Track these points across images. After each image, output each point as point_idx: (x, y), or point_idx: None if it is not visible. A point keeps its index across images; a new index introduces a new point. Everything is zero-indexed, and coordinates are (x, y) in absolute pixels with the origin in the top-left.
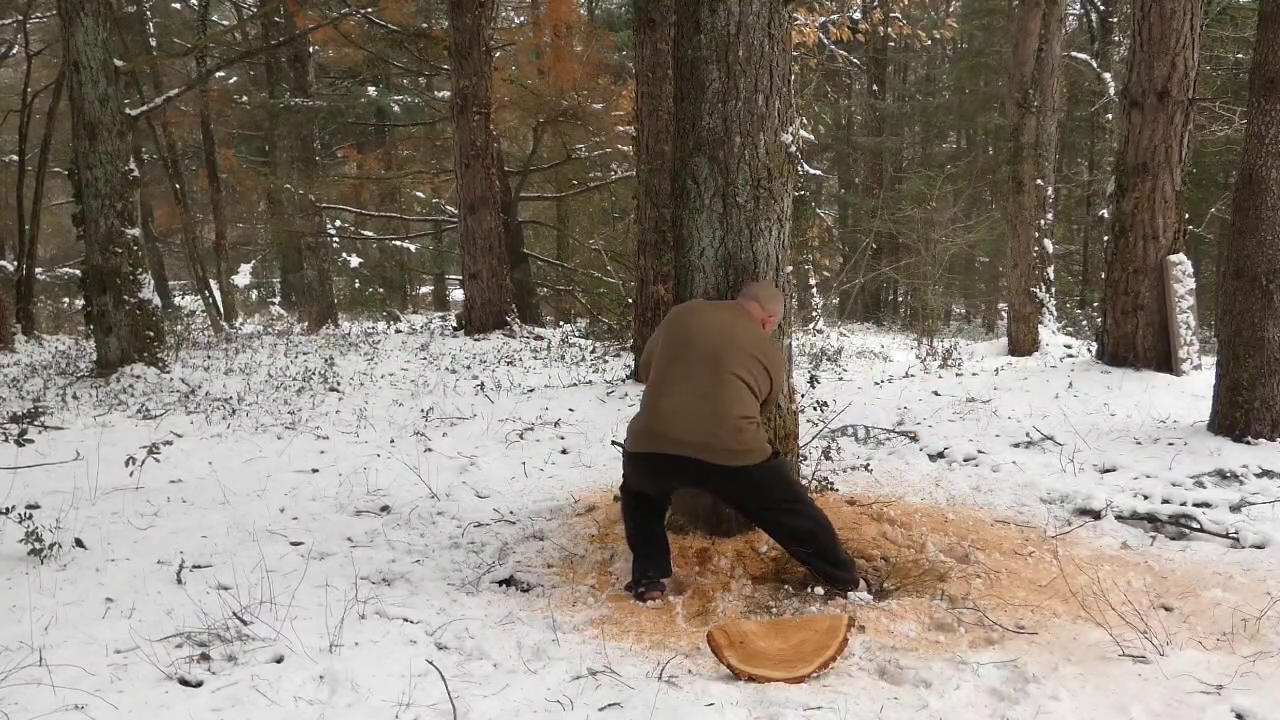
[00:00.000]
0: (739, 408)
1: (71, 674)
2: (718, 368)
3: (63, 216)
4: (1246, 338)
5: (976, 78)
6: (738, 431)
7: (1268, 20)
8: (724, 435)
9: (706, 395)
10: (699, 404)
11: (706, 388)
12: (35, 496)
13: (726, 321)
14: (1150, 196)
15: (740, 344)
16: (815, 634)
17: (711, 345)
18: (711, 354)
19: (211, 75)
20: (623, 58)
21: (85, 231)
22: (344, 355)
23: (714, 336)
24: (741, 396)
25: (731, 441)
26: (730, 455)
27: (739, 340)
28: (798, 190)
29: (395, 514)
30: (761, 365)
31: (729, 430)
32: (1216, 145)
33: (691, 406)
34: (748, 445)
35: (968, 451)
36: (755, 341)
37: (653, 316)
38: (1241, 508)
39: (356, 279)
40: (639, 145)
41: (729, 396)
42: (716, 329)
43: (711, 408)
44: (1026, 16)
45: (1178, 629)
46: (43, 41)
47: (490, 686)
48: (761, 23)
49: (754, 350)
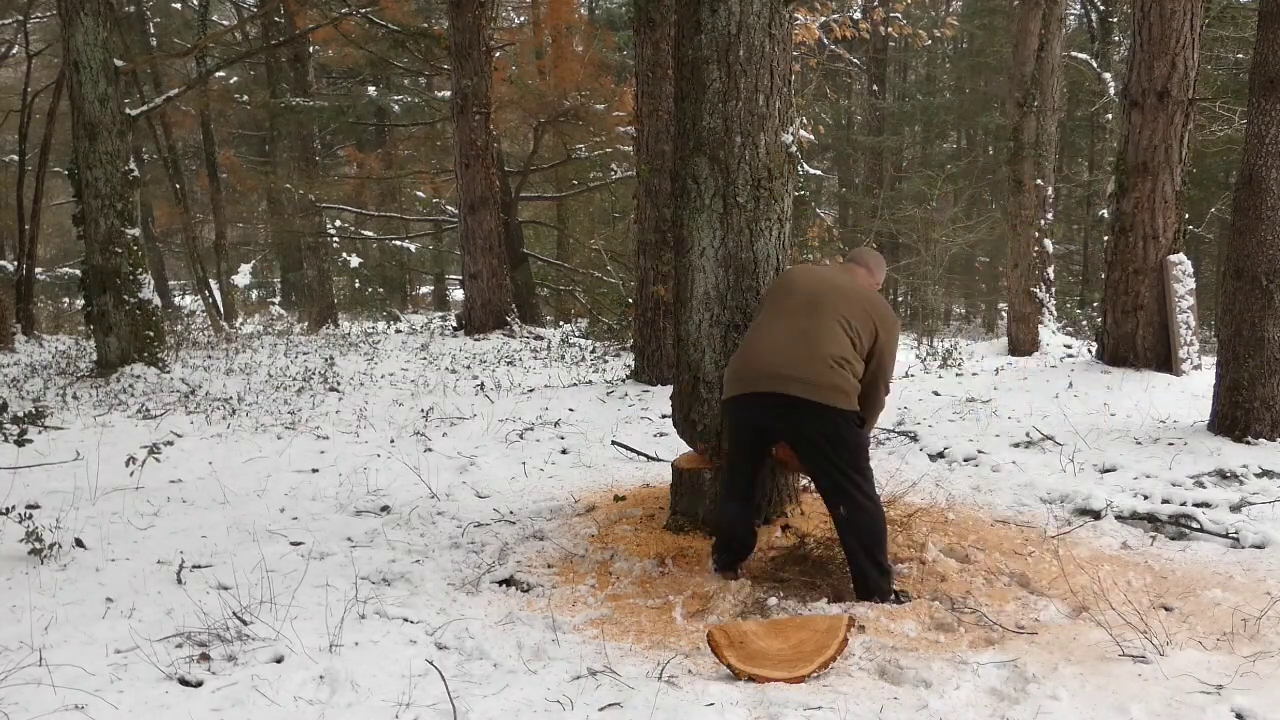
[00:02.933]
0: (834, 347)
1: (71, 674)
2: (815, 309)
3: (63, 216)
4: (1246, 338)
5: (976, 78)
6: (830, 369)
7: (1268, 20)
8: (817, 370)
9: (802, 332)
10: (794, 341)
11: (802, 326)
12: (35, 496)
13: (832, 275)
14: (1150, 196)
15: (845, 293)
16: (815, 634)
17: (812, 290)
18: (810, 298)
19: (211, 75)
20: (623, 58)
21: (85, 231)
22: (344, 355)
23: (816, 284)
24: (837, 338)
25: (822, 377)
26: (819, 391)
27: (843, 290)
28: (798, 190)
29: (395, 514)
30: (870, 318)
31: (821, 366)
32: (1216, 145)
33: (786, 343)
34: (838, 384)
35: (968, 451)
36: (865, 296)
37: (653, 316)
38: (1241, 508)
39: (356, 279)
40: (639, 145)
41: (825, 335)
42: (819, 278)
43: (806, 344)
44: (1026, 16)
45: (1178, 629)
46: (43, 41)
47: (490, 686)
48: (762, 23)
49: (863, 303)
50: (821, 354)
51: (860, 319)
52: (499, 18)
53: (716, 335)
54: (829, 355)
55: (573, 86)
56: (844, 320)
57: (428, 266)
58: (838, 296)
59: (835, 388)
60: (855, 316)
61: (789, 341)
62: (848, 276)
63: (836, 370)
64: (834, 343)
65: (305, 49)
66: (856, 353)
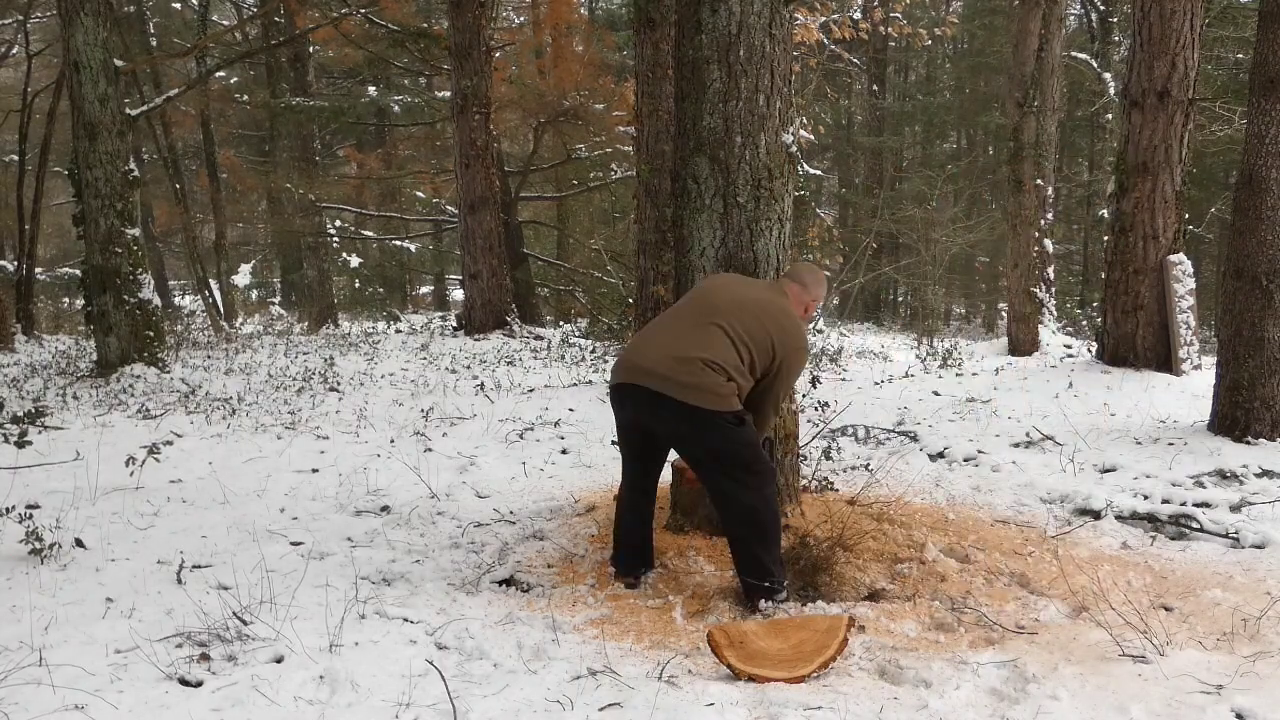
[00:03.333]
0: (707, 351)
1: (71, 674)
2: (705, 316)
3: (63, 216)
4: (1246, 338)
5: (976, 78)
6: (698, 370)
7: (1268, 20)
8: (682, 370)
9: (678, 335)
10: (669, 341)
11: (682, 329)
12: (35, 496)
13: (749, 289)
14: (1150, 196)
15: (749, 308)
16: (815, 634)
17: (712, 301)
18: (707, 306)
19: (211, 75)
20: (623, 58)
21: (85, 231)
22: (344, 355)
23: (721, 296)
24: (714, 342)
25: (688, 377)
26: (683, 390)
27: (749, 305)
28: (798, 190)
29: (395, 514)
30: (769, 337)
31: (688, 367)
32: (1216, 145)
33: (661, 343)
34: (705, 385)
35: (968, 451)
36: (778, 317)
37: (653, 316)
38: (1241, 508)
39: (356, 279)
40: (639, 145)
41: (700, 339)
42: (730, 291)
43: (678, 345)
44: (1026, 16)
45: (1178, 629)
46: (43, 41)
47: (490, 686)
48: (763, 23)
49: (768, 321)
50: (693, 354)
51: (758, 336)
52: (499, 18)
53: None
54: (699, 357)
55: (572, 86)
56: (730, 330)
57: (428, 266)
58: (736, 310)
59: (702, 388)
60: (753, 335)
61: (667, 340)
62: (771, 293)
63: (706, 372)
64: (708, 347)
65: (305, 49)
66: (742, 365)
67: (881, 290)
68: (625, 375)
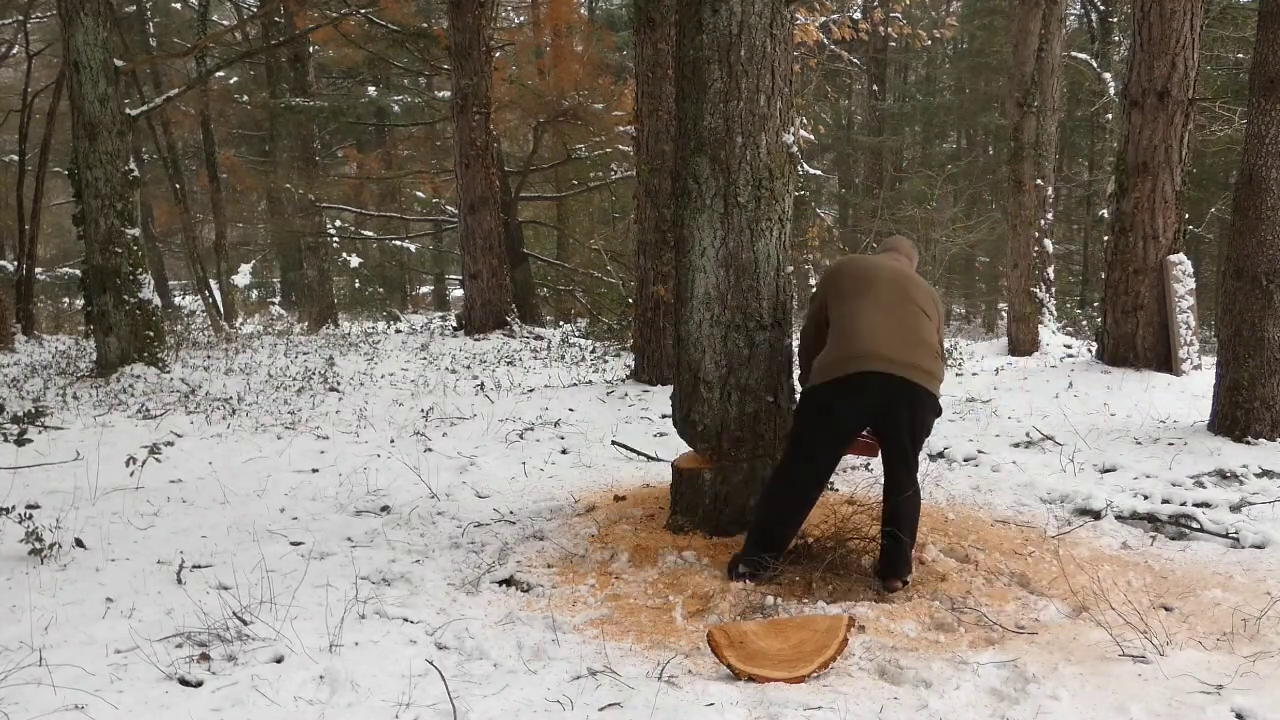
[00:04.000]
0: (931, 337)
1: (71, 674)
2: (906, 299)
3: (63, 216)
4: (1246, 338)
5: (976, 78)
6: (935, 357)
7: (1268, 20)
8: (926, 358)
9: (902, 321)
10: (900, 328)
11: (900, 315)
12: (35, 496)
13: (899, 266)
14: (1150, 196)
15: (919, 284)
16: (815, 634)
17: (895, 280)
18: (898, 287)
19: (211, 75)
20: (623, 58)
21: (85, 231)
22: (344, 355)
23: (894, 274)
24: (927, 327)
25: (931, 364)
26: (928, 378)
27: (917, 281)
28: (798, 190)
29: (395, 514)
30: (936, 308)
31: (929, 354)
32: (1216, 145)
33: (894, 329)
34: (937, 372)
35: (968, 451)
36: (927, 287)
37: (653, 316)
38: (1241, 508)
39: (356, 279)
40: (639, 145)
41: (923, 325)
42: (894, 269)
43: (912, 332)
44: (1026, 16)
45: (1178, 629)
46: (43, 41)
47: (490, 686)
48: (763, 23)
49: (930, 293)
50: (927, 341)
51: (934, 311)
52: (499, 18)
53: (717, 335)
54: (932, 344)
55: (572, 86)
56: (928, 313)
57: (428, 266)
58: (916, 290)
59: (935, 375)
60: (930, 308)
61: (897, 327)
62: (907, 265)
63: (937, 359)
64: (930, 332)
65: (305, 49)
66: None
67: None
68: (866, 363)
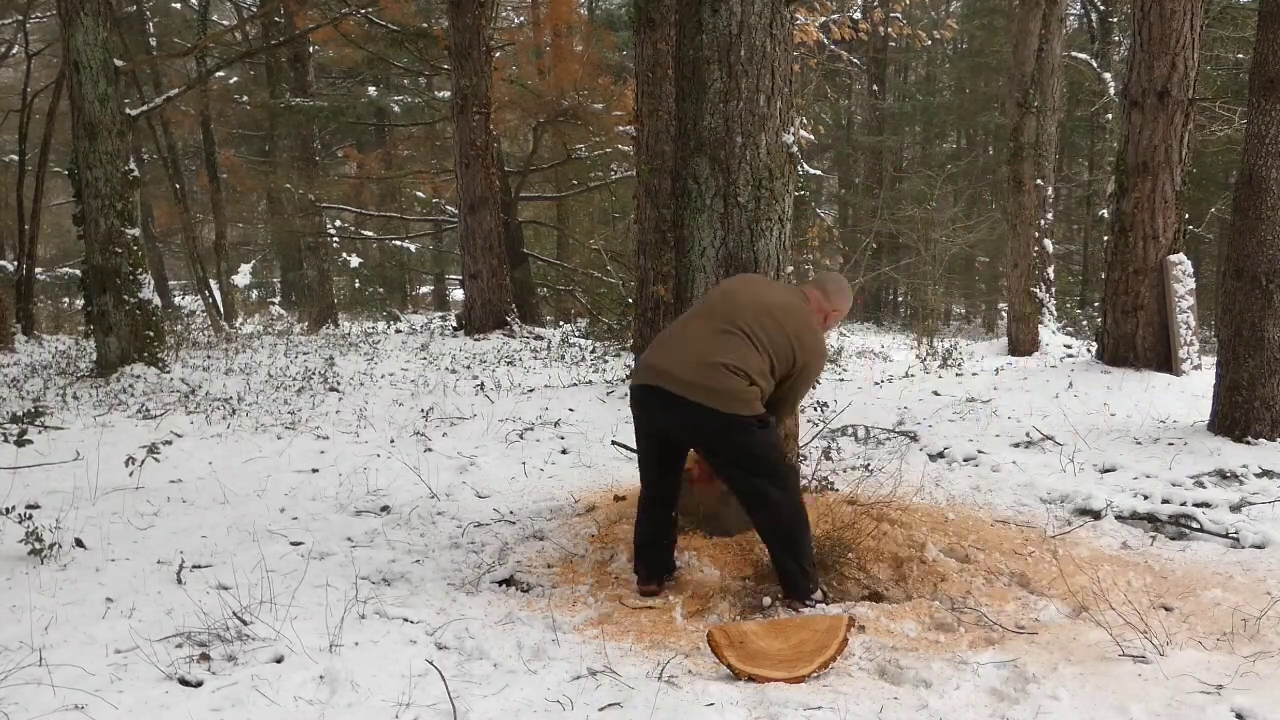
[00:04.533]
0: (729, 356)
1: (71, 674)
2: (727, 320)
3: (63, 216)
4: (1246, 338)
5: (976, 78)
6: (719, 374)
7: (1268, 20)
8: (704, 374)
9: (700, 339)
10: (692, 345)
11: (704, 333)
12: (35, 496)
13: (770, 293)
14: (1150, 196)
15: (771, 312)
16: (815, 634)
17: (735, 304)
18: (730, 309)
19: (211, 75)
20: (623, 58)
21: (85, 231)
22: (344, 355)
23: (743, 299)
24: (736, 347)
25: (711, 382)
26: (709, 395)
27: (772, 310)
28: (798, 190)
29: (395, 514)
30: (790, 341)
31: (710, 371)
32: (1216, 145)
33: (684, 346)
34: (729, 390)
35: (968, 451)
36: (795, 319)
37: (653, 316)
38: (1241, 508)
39: (356, 279)
40: (639, 145)
41: (722, 344)
42: (752, 294)
43: (701, 349)
44: (1026, 16)
45: (1178, 629)
46: (43, 41)
47: (490, 686)
48: (763, 23)
49: (788, 326)
50: (714, 359)
51: (779, 341)
52: (499, 18)
53: None
54: (721, 362)
55: (572, 86)
56: (752, 335)
57: (428, 266)
58: (759, 314)
59: (726, 393)
60: (774, 339)
61: (689, 344)
62: (792, 297)
63: (731, 377)
64: (731, 351)
65: (305, 49)
66: (765, 369)
67: (881, 290)
68: (647, 377)
